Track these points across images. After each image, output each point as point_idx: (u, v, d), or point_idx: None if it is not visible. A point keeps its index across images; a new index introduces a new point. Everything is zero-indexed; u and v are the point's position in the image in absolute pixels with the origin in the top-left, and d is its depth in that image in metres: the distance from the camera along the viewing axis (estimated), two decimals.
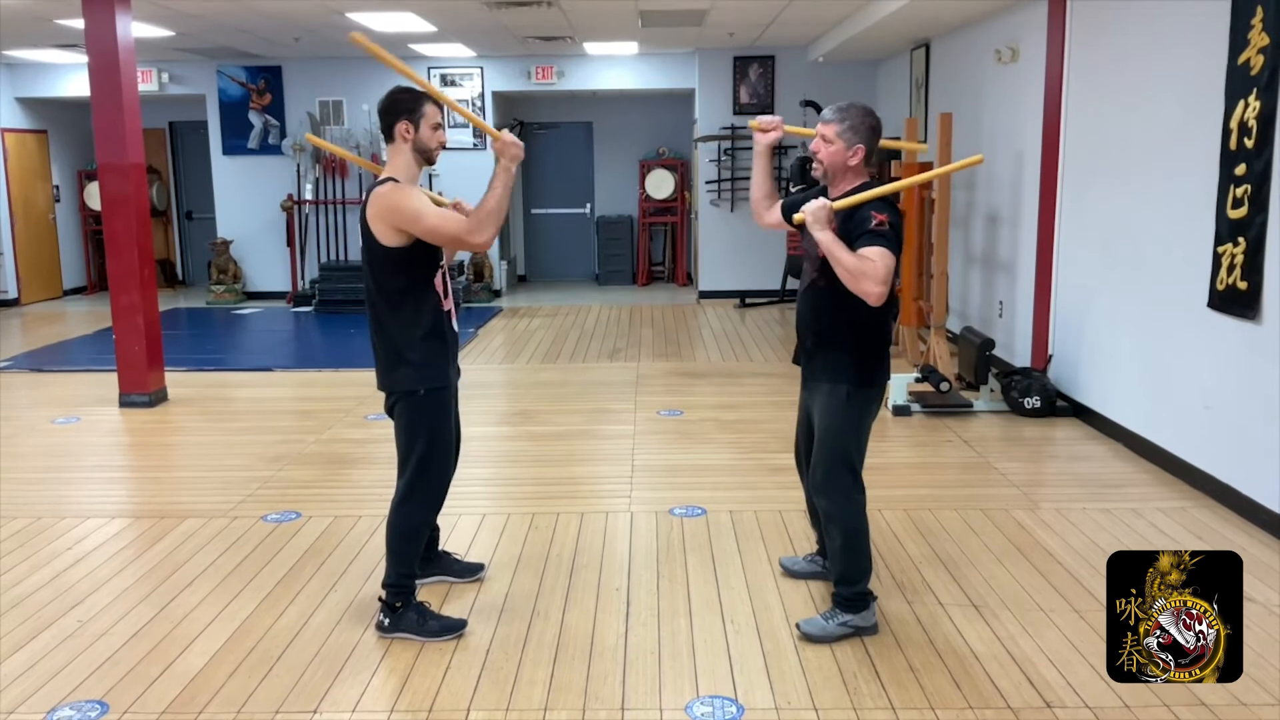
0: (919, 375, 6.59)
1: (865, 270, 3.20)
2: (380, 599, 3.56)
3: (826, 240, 3.26)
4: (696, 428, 6.27)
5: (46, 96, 12.23)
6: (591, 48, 11.32)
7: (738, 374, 7.89)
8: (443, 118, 3.53)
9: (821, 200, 3.31)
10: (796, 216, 3.35)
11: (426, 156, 3.48)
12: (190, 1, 7.85)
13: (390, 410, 3.57)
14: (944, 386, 6.44)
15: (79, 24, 7.73)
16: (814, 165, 3.44)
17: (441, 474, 3.57)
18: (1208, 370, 4.88)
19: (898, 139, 8.68)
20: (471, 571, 4.01)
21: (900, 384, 6.45)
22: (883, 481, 5.09)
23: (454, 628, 3.54)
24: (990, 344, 6.58)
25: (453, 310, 3.59)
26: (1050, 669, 3.27)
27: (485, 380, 7.71)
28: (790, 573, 3.98)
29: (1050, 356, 6.62)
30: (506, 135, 3.43)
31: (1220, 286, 4.66)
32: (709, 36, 10.56)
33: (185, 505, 4.96)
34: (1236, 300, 4.54)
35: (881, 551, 4.20)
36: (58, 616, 3.73)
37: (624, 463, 5.56)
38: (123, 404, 6.89)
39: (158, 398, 6.99)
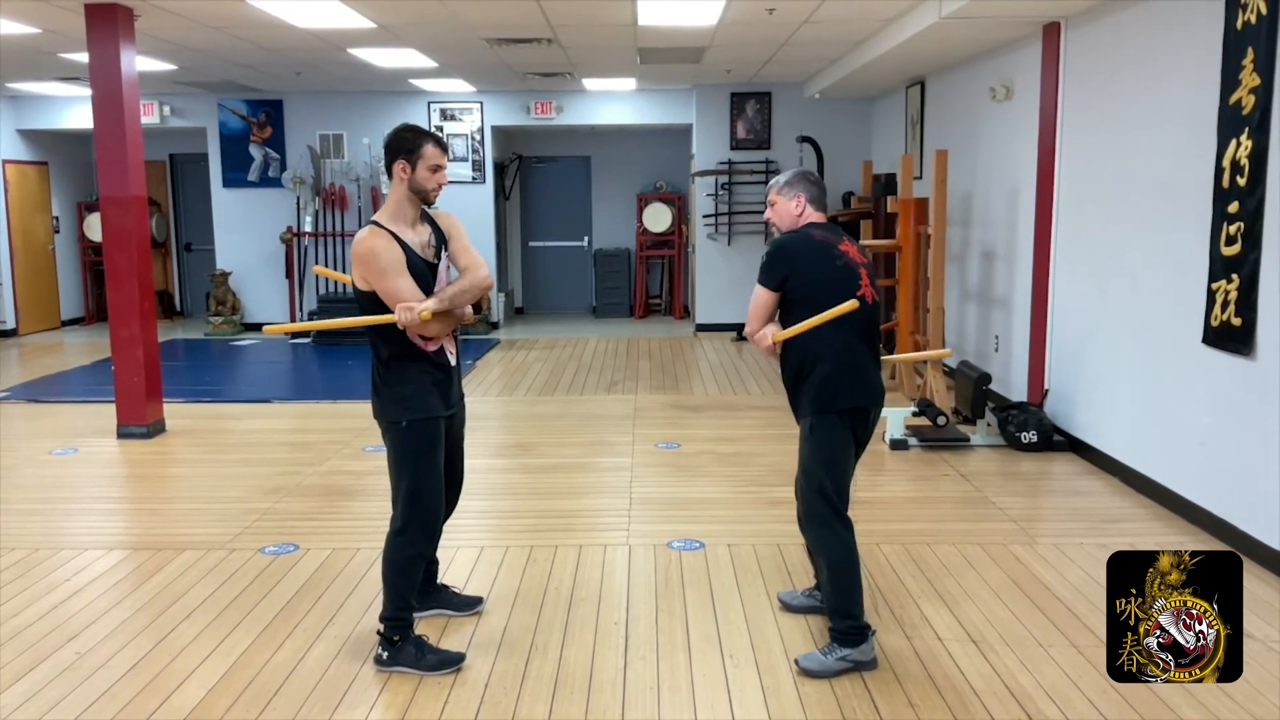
0: (916, 409, 6.62)
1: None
2: (378, 632, 3.55)
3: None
4: (694, 460, 6.28)
5: (48, 129, 12.31)
6: (590, 83, 11.43)
7: (735, 407, 7.91)
8: (445, 159, 3.54)
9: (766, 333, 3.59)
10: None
11: (423, 197, 3.50)
12: (193, 35, 7.93)
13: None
14: (941, 420, 6.46)
15: (82, 57, 7.81)
16: (773, 231, 3.69)
17: (433, 506, 3.56)
18: (1203, 406, 4.91)
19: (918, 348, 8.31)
20: (470, 605, 4.01)
21: (897, 418, 6.47)
22: (880, 515, 5.10)
23: (452, 662, 3.53)
24: (986, 378, 6.61)
25: (446, 346, 3.57)
26: (1049, 704, 3.26)
27: (483, 413, 7.71)
28: (789, 607, 3.97)
29: (1046, 391, 6.65)
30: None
31: (1215, 323, 4.70)
32: (706, 73, 10.67)
33: (183, 537, 4.95)
34: (1231, 336, 4.58)
35: (880, 586, 4.21)
36: (56, 648, 3.72)
37: (622, 495, 5.56)
38: (120, 435, 6.89)
39: (156, 429, 6.99)
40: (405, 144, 3.46)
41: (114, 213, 6.80)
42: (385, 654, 3.51)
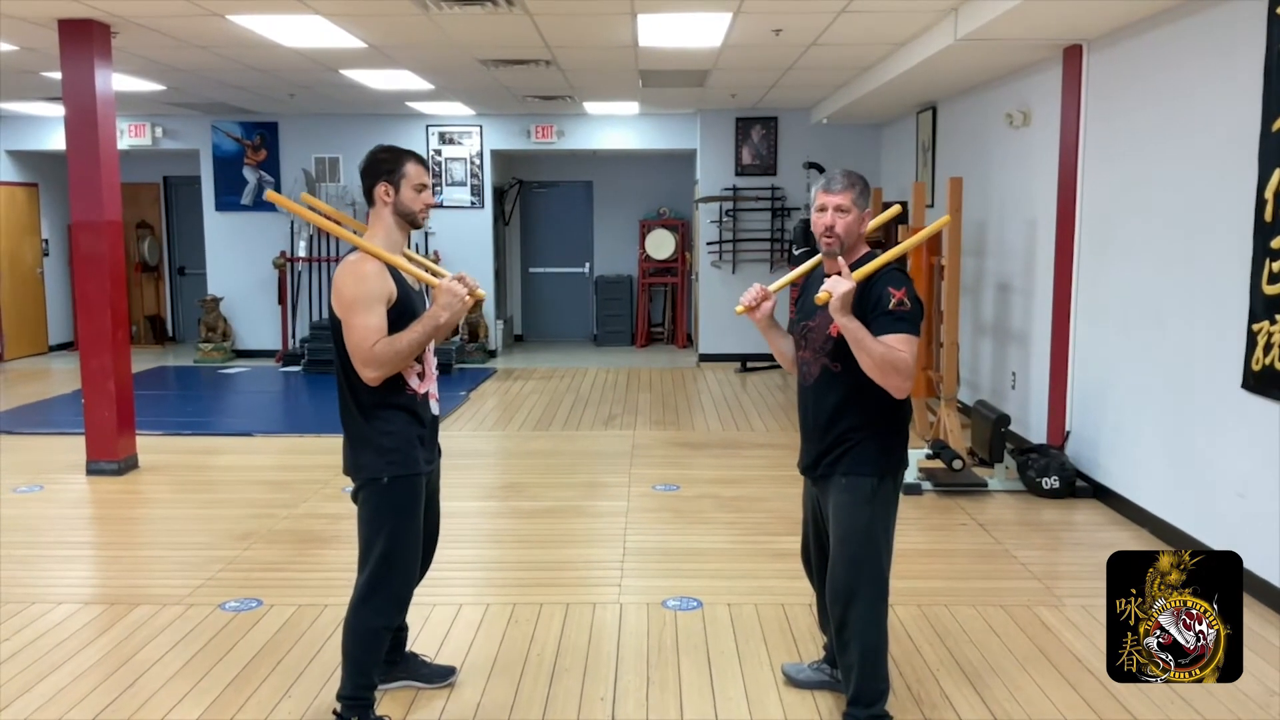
0: (930, 451, 6.24)
1: (894, 362, 2.86)
2: (335, 712, 3.18)
3: (853, 328, 2.89)
4: (693, 505, 5.91)
5: (37, 149, 12.03)
6: (592, 107, 11.15)
7: (738, 444, 7.54)
8: (429, 177, 3.21)
9: (846, 283, 2.90)
10: (819, 296, 2.94)
11: (410, 220, 3.16)
12: (177, 54, 7.64)
13: (355, 497, 3.24)
14: (957, 464, 6.08)
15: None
16: (827, 241, 3.06)
17: (407, 573, 3.21)
18: (1243, 455, 4.53)
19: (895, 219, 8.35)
20: (441, 676, 3.62)
21: (910, 460, 6.08)
22: (894, 571, 4.69)
23: None
24: (1006, 420, 6.22)
25: (432, 391, 3.27)
26: None
27: (473, 449, 7.36)
28: (794, 682, 3.59)
29: (1068, 433, 6.28)
30: (445, 282, 3.09)
31: (1256, 366, 4.34)
32: (710, 98, 10.37)
33: (139, 590, 4.59)
34: (1275, 382, 4.21)
35: (895, 656, 3.82)
36: None
37: (615, 545, 5.19)
38: (90, 472, 6.53)
39: (127, 465, 6.63)
40: (384, 165, 3.13)
41: (87, 237, 6.47)
42: None
